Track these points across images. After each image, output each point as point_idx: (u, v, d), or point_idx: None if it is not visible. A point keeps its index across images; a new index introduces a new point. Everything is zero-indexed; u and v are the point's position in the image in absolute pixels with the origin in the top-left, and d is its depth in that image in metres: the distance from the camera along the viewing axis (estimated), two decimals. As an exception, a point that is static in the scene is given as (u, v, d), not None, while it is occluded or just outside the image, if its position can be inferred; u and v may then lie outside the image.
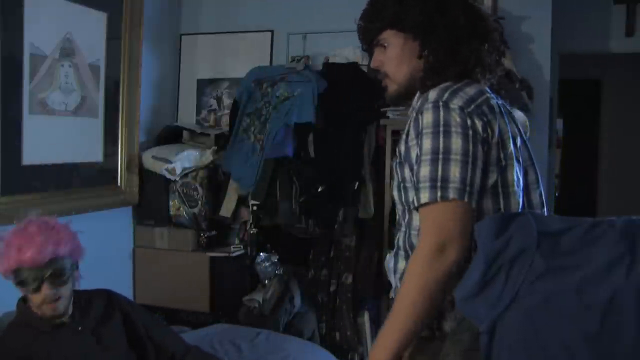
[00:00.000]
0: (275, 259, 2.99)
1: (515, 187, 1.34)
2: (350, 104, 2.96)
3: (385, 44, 1.45)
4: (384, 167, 2.89)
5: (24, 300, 1.83)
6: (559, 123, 5.24)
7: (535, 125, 2.90)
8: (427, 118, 1.29)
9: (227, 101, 3.46)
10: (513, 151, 1.34)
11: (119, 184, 3.05)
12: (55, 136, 2.66)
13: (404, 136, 1.40)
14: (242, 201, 3.21)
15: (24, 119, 2.47)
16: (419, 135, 1.31)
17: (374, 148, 2.97)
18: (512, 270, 1.09)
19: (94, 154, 2.92)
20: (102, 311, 1.94)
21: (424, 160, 1.28)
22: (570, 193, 5.56)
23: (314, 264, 3.11)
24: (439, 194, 1.25)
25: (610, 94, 5.65)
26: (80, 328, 1.85)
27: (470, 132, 1.27)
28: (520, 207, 1.35)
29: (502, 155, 1.32)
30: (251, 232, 3.11)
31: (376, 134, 2.97)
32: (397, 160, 1.42)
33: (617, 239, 1.05)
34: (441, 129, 1.27)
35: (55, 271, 1.75)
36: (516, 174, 1.35)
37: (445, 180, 1.25)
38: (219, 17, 3.54)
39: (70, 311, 1.84)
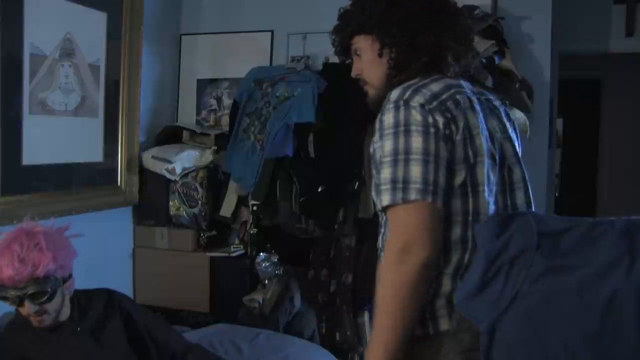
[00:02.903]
0: (275, 259, 2.99)
1: (485, 186, 1.29)
2: (350, 104, 2.96)
3: (359, 51, 1.47)
4: (384, 167, 2.89)
5: None
6: (559, 123, 5.24)
7: (535, 125, 2.90)
8: (388, 119, 1.28)
9: (227, 101, 3.46)
10: (485, 147, 1.30)
11: (119, 184, 3.05)
12: (55, 136, 2.66)
13: (373, 137, 1.38)
14: (242, 201, 3.21)
15: (24, 119, 2.47)
16: (381, 137, 1.29)
17: (374, 148, 2.97)
18: (512, 270, 1.09)
19: (94, 154, 2.92)
20: (102, 311, 1.94)
21: (385, 162, 1.26)
22: (570, 193, 5.56)
23: (314, 264, 3.10)
24: (400, 195, 1.23)
25: (610, 94, 5.65)
26: (79, 329, 1.85)
27: (432, 130, 1.24)
28: (490, 207, 1.30)
29: (470, 153, 1.28)
30: (251, 232, 3.11)
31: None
32: (373, 162, 1.40)
33: (617, 239, 1.05)
34: (401, 128, 1.25)
35: (35, 292, 1.73)
36: (487, 172, 1.30)
37: (406, 181, 1.22)
38: (219, 17, 3.53)
39: (68, 313, 1.83)
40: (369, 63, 1.45)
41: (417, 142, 1.23)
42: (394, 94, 1.31)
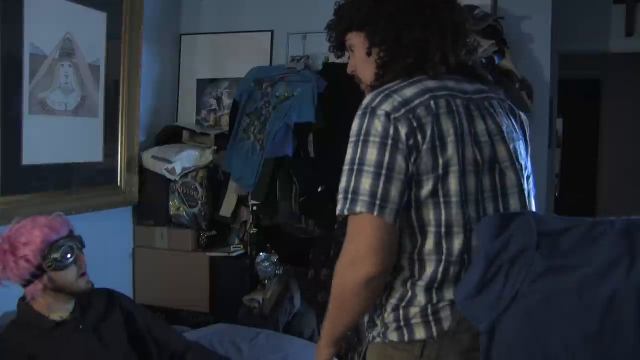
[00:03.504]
0: (275, 259, 2.99)
1: (458, 197, 1.23)
2: (350, 104, 2.95)
3: (352, 47, 1.43)
4: (384, 167, 2.89)
5: (23, 300, 1.83)
6: (559, 123, 5.24)
7: (535, 125, 2.90)
8: (354, 126, 1.26)
9: (227, 101, 3.46)
10: (460, 155, 1.23)
11: (119, 184, 3.05)
12: (55, 136, 2.66)
13: None
14: (242, 201, 3.21)
15: (24, 119, 2.47)
16: (349, 143, 1.27)
17: (374, 148, 2.97)
18: (512, 270, 1.09)
19: (94, 154, 2.92)
20: (103, 310, 1.94)
21: (344, 170, 1.25)
22: (570, 193, 5.56)
23: (314, 264, 3.10)
24: (347, 206, 1.21)
25: (610, 94, 5.65)
26: (81, 327, 1.85)
27: (390, 142, 1.20)
28: (473, 214, 1.25)
29: (440, 162, 1.22)
30: (251, 232, 3.11)
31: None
32: None
33: (617, 239, 1.05)
34: (361, 138, 1.23)
35: (80, 239, 1.85)
36: (460, 181, 1.23)
37: (355, 192, 1.21)
38: (219, 17, 3.53)
39: (70, 309, 1.85)
40: (361, 61, 1.42)
41: (372, 154, 1.21)
42: (366, 99, 1.28)
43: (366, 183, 1.19)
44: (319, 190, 2.92)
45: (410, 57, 1.31)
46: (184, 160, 3.12)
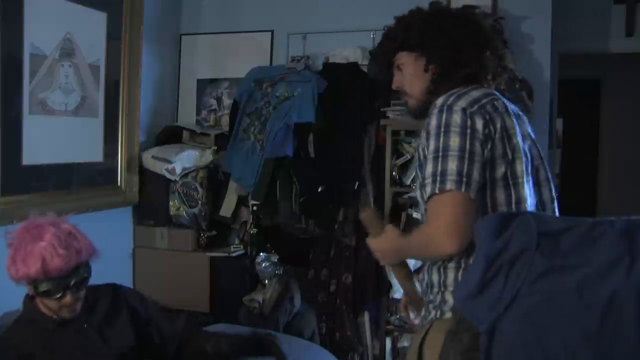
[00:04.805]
0: (275, 259, 2.99)
1: (524, 178, 1.46)
2: (350, 104, 2.96)
3: (401, 65, 1.62)
4: (384, 167, 2.89)
5: (29, 297, 1.82)
6: (559, 123, 5.24)
7: (535, 126, 2.89)
8: (433, 122, 1.44)
9: (227, 101, 3.46)
10: (521, 145, 1.47)
11: (119, 184, 3.05)
12: (55, 136, 2.66)
13: (420, 140, 1.53)
14: (242, 201, 3.21)
15: (24, 119, 2.47)
16: (427, 137, 1.45)
17: (374, 148, 2.97)
18: (512, 270, 1.09)
19: (94, 154, 2.92)
20: (109, 308, 1.92)
21: (429, 159, 1.42)
22: (570, 193, 5.56)
23: (314, 264, 3.11)
24: (437, 186, 1.38)
25: (610, 94, 5.65)
26: (85, 325, 1.84)
27: (469, 131, 1.40)
28: (528, 196, 1.47)
29: (508, 150, 1.44)
30: (251, 232, 3.11)
31: (376, 134, 2.97)
32: (418, 162, 1.55)
33: (617, 239, 1.05)
34: (442, 129, 1.41)
35: (78, 279, 1.75)
36: (524, 167, 1.46)
37: (443, 174, 1.38)
38: (219, 17, 3.54)
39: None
40: (411, 77, 1.61)
41: (454, 141, 1.39)
42: (439, 100, 1.46)
43: (453, 165, 1.38)
44: (319, 190, 2.92)
45: (464, 71, 1.55)
46: (184, 160, 3.12)
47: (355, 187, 2.95)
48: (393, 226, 1.64)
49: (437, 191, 1.38)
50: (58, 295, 1.72)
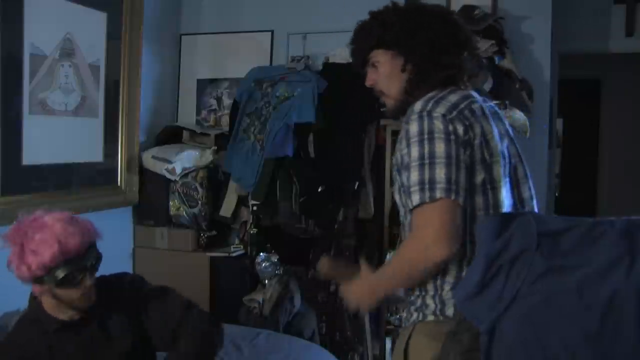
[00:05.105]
0: (275, 259, 2.99)
1: (502, 182, 1.45)
2: (350, 104, 2.96)
3: (376, 63, 1.58)
4: (384, 167, 2.89)
5: (35, 298, 1.79)
6: (559, 123, 5.24)
7: (535, 125, 2.90)
8: (413, 128, 1.41)
9: (227, 101, 3.46)
10: (499, 149, 1.46)
11: (119, 184, 3.05)
12: (55, 136, 2.66)
13: (398, 144, 1.49)
14: (242, 201, 3.21)
15: (24, 119, 2.47)
16: (408, 144, 1.42)
17: (374, 148, 2.97)
18: (512, 270, 1.08)
19: (94, 154, 2.92)
20: (113, 307, 1.87)
21: (413, 166, 1.39)
22: (570, 193, 5.56)
23: (314, 264, 3.10)
24: (427, 194, 1.36)
25: (610, 94, 5.65)
26: (89, 328, 1.81)
27: (453, 137, 1.38)
28: (506, 199, 1.46)
29: (486, 154, 1.44)
30: (251, 232, 3.11)
31: (376, 134, 2.97)
32: (396, 167, 1.52)
33: (617, 239, 1.05)
34: (426, 136, 1.39)
35: (93, 259, 1.70)
36: (502, 171, 1.46)
37: (432, 182, 1.36)
38: (219, 17, 3.54)
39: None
40: (386, 76, 1.57)
41: (440, 147, 1.37)
42: (417, 105, 1.44)
43: (441, 172, 1.36)
44: (319, 190, 2.92)
45: (443, 73, 1.51)
46: (184, 160, 3.12)
47: (355, 187, 2.94)
48: (365, 265, 1.58)
49: (427, 200, 1.35)
50: (79, 279, 1.66)
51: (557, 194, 5.08)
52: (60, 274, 1.64)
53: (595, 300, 1.01)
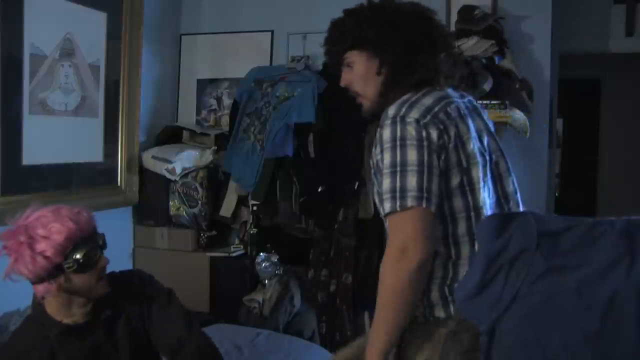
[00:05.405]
0: (275, 259, 2.99)
1: (481, 183, 1.44)
2: (350, 104, 2.95)
3: (351, 64, 1.56)
4: (384, 167, 2.89)
5: (37, 303, 1.76)
6: (559, 123, 5.24)
7: (535, 125, 2.90)
8: (386, 133, 1.40)
9: (227, 101, 3.46)
10: (476, 149, 1.44)
11: (119, 184, 3.05)
12: (55, 136, 2.66)
13: (373, 149, 1.48)
14: (242, 201, 3.21)
15: (24, 119, 2.47)
16: (381, 150, 1.41)
17: (374, 148, 2.97)
18: (512, 270, 1.08)
19: (94, 154, 2.92)
20: (117, 310, 1.84)
21: (385, 173, 1.38)
22: (570, 193, 5.56)
23: (314, 264, 3.10)
24: (398, 203, 1.35)
25: (610, 94, 5.65)
26: (93, 332, 1.78)
27: (425, 143, 1.36)
28: (487, 198, 1.46)
29: (462, 157, 1.42)
30: (251, 232, 3.11)
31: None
32: (372, 170, 1.51)
33: (617, 239, 1.05)
34: (398, 143, 1.37)
35: (102, 238, 1.70)
36: (481, 171, 1.44)
37: (403, 190, 1.35)
38: (219, 17, 3.54)
39: (85, 312, 1.76)
40: (361, 77, 1.55)
41: (412, 155, 1.36)
42: (391, 110, 1.42)
43: (412, 180, 1.34)
44: (319, 190, 2.92)
45: (419, 75, 1.48)
46: (184, 160, 3.12)
47: (355, 187, 2.94)
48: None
49: (398, 208, 1.34)
50: (96, 258, 1.63)
51: (557, 194, 5.08)
52: (79, 254, 1.59)
53: (595, 300, 1.01)
